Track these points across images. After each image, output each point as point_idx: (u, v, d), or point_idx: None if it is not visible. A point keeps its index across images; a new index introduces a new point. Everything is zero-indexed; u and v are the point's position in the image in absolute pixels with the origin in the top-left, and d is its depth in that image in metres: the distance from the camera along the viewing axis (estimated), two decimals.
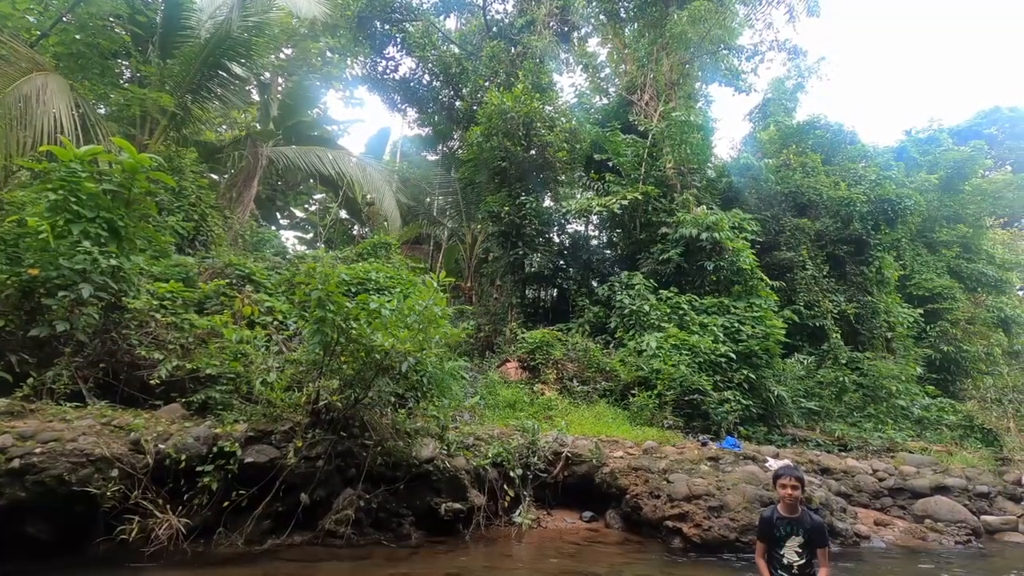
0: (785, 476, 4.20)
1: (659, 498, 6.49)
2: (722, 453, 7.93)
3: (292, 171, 16.58)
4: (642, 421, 10.40)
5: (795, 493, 4.12)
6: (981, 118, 37.49)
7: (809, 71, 23.97)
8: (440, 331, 5.85)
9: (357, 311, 5.44)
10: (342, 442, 5.83)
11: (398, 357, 5.37)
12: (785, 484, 4.16)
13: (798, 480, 4.14)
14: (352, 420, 6.05)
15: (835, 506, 6.82)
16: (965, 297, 20.96)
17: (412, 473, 5.98)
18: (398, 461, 5.97)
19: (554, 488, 7.40)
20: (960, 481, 8.55)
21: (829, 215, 17.15)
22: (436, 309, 5.95)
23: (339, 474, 5.73)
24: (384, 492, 5.81)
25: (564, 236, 18.96)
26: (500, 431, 7.60)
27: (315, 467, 5.56)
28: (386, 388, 5.55)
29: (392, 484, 5.88)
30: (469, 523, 6.13)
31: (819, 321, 15.91)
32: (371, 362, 5.52)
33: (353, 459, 5.79)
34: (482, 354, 14.43)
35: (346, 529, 5.34)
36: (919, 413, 14.91)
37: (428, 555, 5.37)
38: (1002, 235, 29.20)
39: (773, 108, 24.36)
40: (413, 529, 5.90)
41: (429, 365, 8.51)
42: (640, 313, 13.01)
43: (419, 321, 5.61)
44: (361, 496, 5.58)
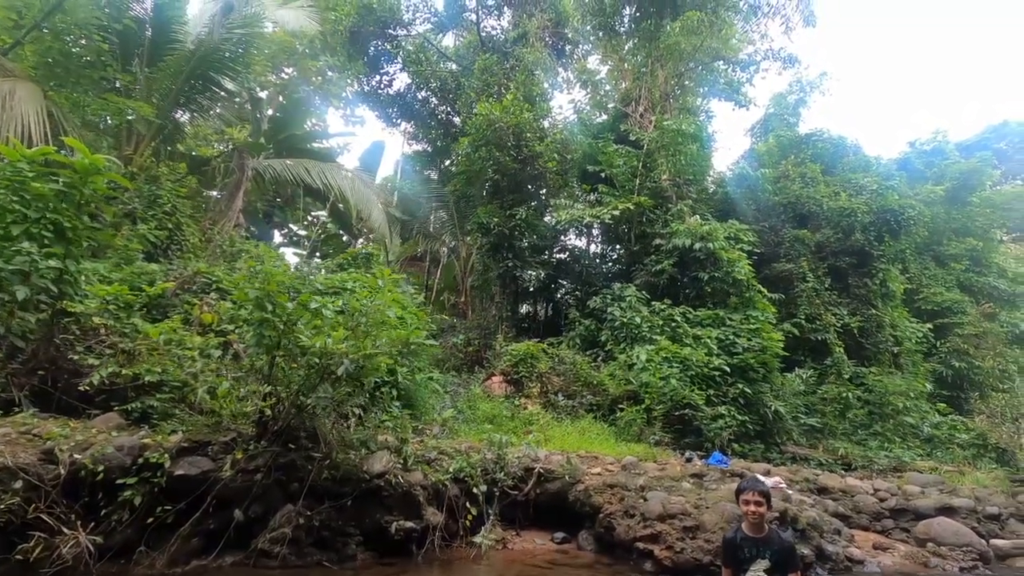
0: (747, 491, 3.74)
1: (633, 517, 5.99)
2: (707, 470, 7.42)
3: (281, 184, 16.46)
4: (629, 437, 9.89)
5: (759, 510, 3.66)
6: (990, 132, 36.95)
7: (811, 85, 23.68)
8: (393, 333, 5.46)
9: (299, 312, 5.09)
10: (286, 454, 5.43)
11: (334, 360, 4.98)
12: (748, 500, 3.71)
13: (762, 495, 3.68)
14: (299, 430, 5.66)
15: (826, 528, 6.26)
16: (976, 312, 20.24)
17: (361, 488, 5.55)
18: (347, 475, 5.55)
19: (525, 507, 6.92)
20: (968, 502, 7.92)
21: (830, 226, 16.67)
22: (390, 312, 5.59)
23: (280, 489, 5.32)
24: (329, 509, 5.38)
25: (557, 249, 18.66)
26: (468, 445, 7.16)
27: (253, 481, 5.16)
28: (325, 394, 5.14)
29: (339, 500, 5.45)
30: (423, 544, 5.67)
31: (821, 335, 15.32)
32: (313, 366, 5.14)
33: (296, 472, 5.39)
34: (471, 369, 14.01)
35: (282, 549, 4.90)
36: (929, 431, 14.20)
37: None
38: (1015, 249, 28.42)
39: (775, 123, 24.03)
40: (360, 550, 5.45)
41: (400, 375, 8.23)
42: (631, 325, 12.56)
43: (367, 322, 5.24)
44: (302, 513, 5.15)
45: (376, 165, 21.85)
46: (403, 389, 8.24)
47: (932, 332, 18.30)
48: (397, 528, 5.48)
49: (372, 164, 21.61)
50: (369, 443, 5.91)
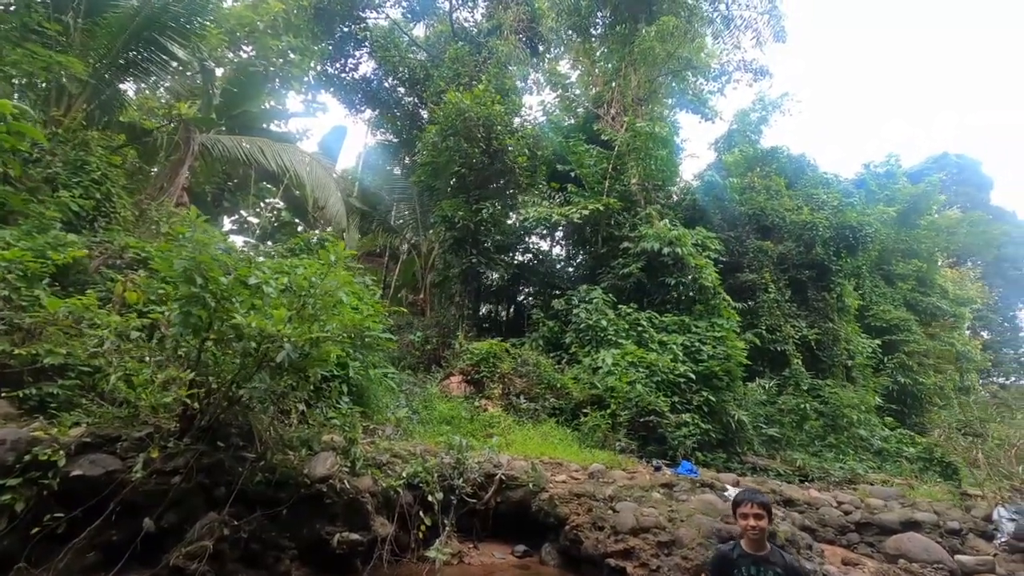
0: (746, 503, 3.29)
1: (602, 530, 5.51)
2: (677, 480, 7.04)
3: (233, 164, 15.33)
4: (593, 443, 9.46)
5: (760, 524, 3.22)
6: (931, 163, 38.99)
7: (773, 105, 24.17)
8: (344, 318, 4.79)
9: (235, 288, 4.37)
10: (213, 454, 4.67)
11: (274, 344, 4.28)
12: (747, 513, 3.26)
13: (763, 507, 3.24)
14: (231, 426, 4.91)
15: (801, 543, 5.96)
16: (921, 330, 21.02)
17: (300, 495, 4.85)
18: (284, 479, 4.84)
19: (484, 516, 6.34)
20: (930, 516, 7.85)
21: (792, 239, 16.88)
22: (341, 295, 4.92)
23: (202, 494, 4.56)
24: (261, 518, 4.65)
25: (522, 249, 18.21)
26: (424, 448, 6.53)
27: (169, 484, 4.38)
28: (262, 384, 4.43)
29: (273, 508, 4.73)
30: (370, 558, 5.01)
31: (781, 346, 15.43)
32: (250, 352, 4.42)
33: (224, 475, 4.64)
34: (428, 367, 13.32)
35: (199, 565, 4.15)
36: (879, 444, 14.44)
37: None
38: (951, 274, 29.92)
39: (738, 138, 24.42)
40: (295, 565, 4.75)
41: (352, 370, 7.51)
42: (597, 328, 12.18)
43: (315, 304, 4.55)
44: (227, 522, 4.41)
45: (337, 152, 20.85)
46: (355, 385, 7.53)
47: (880, 348, 18.82)
48: (340, 540, 4.81)
49: (332, 150, 20.58)
50: (312, 443, 5.21)
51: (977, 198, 39.65)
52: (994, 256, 36.01)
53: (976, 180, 41.09)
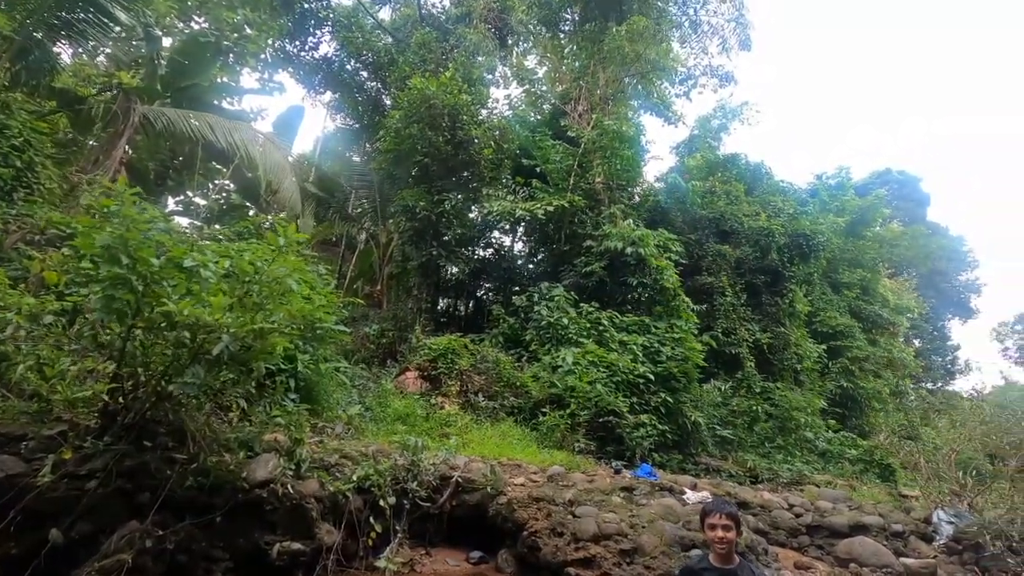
0: (715, 513, 3.13)
1: (562, 536, 5.30)
2: (637, 483, 6.92)
3: (178, 140, 14.33)
4: (551, 443, 9.28)
5: (728, 536, 3.06)
6: (875, 178, 40.93)
7: (733, 114, 24.66)
8: (293, 308, 4.37)
9: (167, 271, 3.89)
10: (137, 455, 4.18)
11: (211, 335, 3.83)
12: (715, 524, 3.10)
13: (731, 518, 3.09)
14: (160, 425, 4.42)
15: (758, 548, 5.94)
16: (863, 336, 21.95)
17: (237, 501, 4.41)
18: (219, 483, 4.39)
19: (438, 521, 6.03)
20: (877, 520, 8.04)
21: (749, 244, 17.22)
22: (291, 282, 4.50)
23: (123, 500, 4.07)
24: (191, 526, 4.19)
25: (483, 245, 17.91)
26: (377, 448, 6.15)
27: (83, 490, 3.88)
28: (195, 379, 3.96)
29: (205, 515, 4.28)
30: (313, 569, 4.62)
31: (735, 349, 15.72)
32: (183, 343, 3.96)
33: (149, 479, 4.16)
34: (383, 362, 12.84)
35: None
36: (823, 446, 14.92)
37: None
38: (891, 284, 31.48)
39: (699, 144, 24.85)
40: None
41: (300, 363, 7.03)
42: (558, 326, 12.02)
43: (259, 291, 4.12)
44: (151, 532, 3.94)
45: (293, 133, 19.86)
46: (303, 380, 7.05)
47: (826, 353, 19.51)
48: (280, 551, 4.40)
49: (289, 131, 19.59)
50: (253, 444, 4.76)
51: (916, 213, 41.84)
52: (928, 269, 38.15)
53: (916, 196, 43.32)
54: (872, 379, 20.71)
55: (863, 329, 22.64)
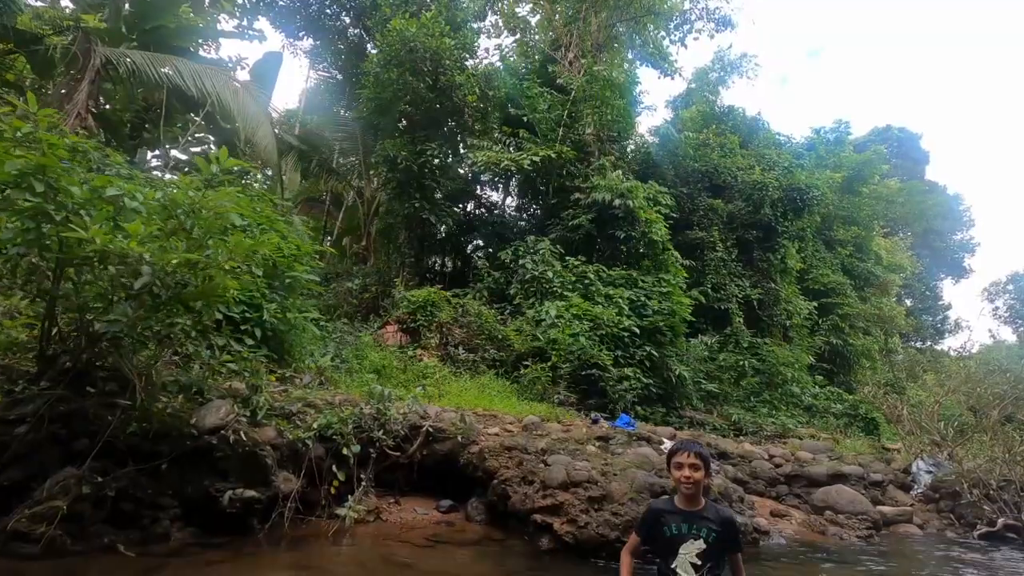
0: (683, 452, 2.88)
1: (532, 484, 5.16)
2: (614, 433, 6.79)
3: (147, 87, 13.62)
4: (532, 396, 9.15)
5: (696, 476, 2.83)
6: (874, 135, 40.11)
7: (732, 66, 23.80)
8: (236, 246, 4.04)
9: (87, 199, 3.54)
10: (74, 400, 3.94)
11: (127, 266, 3.51)
12: (682, 463, 2.85)
13: (699, 458, 2.85)
14: (103, 370, 4.17)
15: (733, 496, 5.85)
16: (855, 294, 21.85)
17: (186, 447, 4.21)
18: (165, 430, 4.17)
19: (408, 470, 5.89)
20: (856, 469, 8.02)
21: (742, 198, 16.83)
22: (234, 217, 4.16)
23: (58, 447, 3.86)
24: (135, 473, 4.00)
25: (473, 199, 17.46)
26: (345, 398, 5.95)
27: (12, 435, 3.65)
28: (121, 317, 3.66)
29: (150, 462, 4.08)
30: (269, 517, 4.47)
31: (724, 304, 15.55)
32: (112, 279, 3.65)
33: (88, 424, 3.94)
34: (366, 317, 12.62)
35: (48, 528, 3.48)
36: (809, 401, 14.96)
37: (182, 567, 3.67)
38: (884, 243, 31.27)
39: (696, 98, 24.05)
40: (176, 526, 4.15)
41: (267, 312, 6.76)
42: (542, 280, 11.76)
43: (194, 225, 3.79)
44: (88, 479, 3.74)
45: (271, 80, 18.93)
46: (271, 330, 6.79)
47: (816, 310, 19.42)
48: (232, 498, 4.22)
49: (266, 79, 18.68)
50: (205, 390, 4.53)
51: (914, 171, 41.25)
52: (923, 227, 37.91)
53: (914, 154, 42.64)
54: (861, 336, 20.71)
55: (855, 287, 22.52)
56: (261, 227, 7.94)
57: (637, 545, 2.98)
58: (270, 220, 8.33)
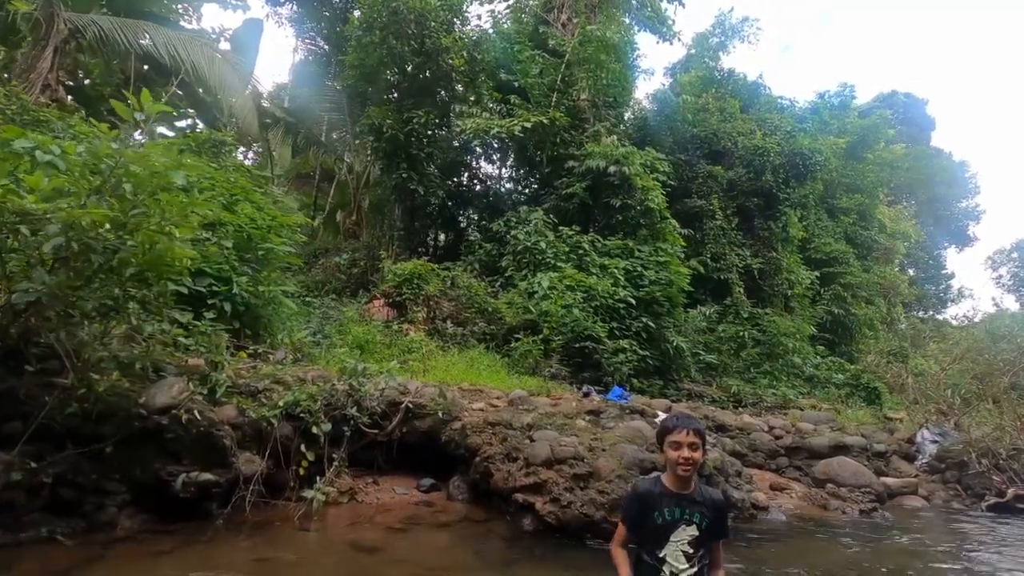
0: (680, 429, 2.49)
1: (516, 461, 4.85)
2: (605, 406, 6.47)
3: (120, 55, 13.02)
4: (523, 370, 8.83)
5: (695, 456, 2.43)
6: (880, 101, 39.06)
7: (734, 30, 22.91)
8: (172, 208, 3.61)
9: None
10: (3, 379, 3.59)
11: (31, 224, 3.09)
12: (679, 442, 2.45)
13: (697, 435, 2.46)
14: (39, 346, 3.81)
15: (730, 470, 5.54)
16: (857, 263, 21.41)
17: (133, 429, 3.87)
18: (110, 410, 3.83)
19: (387, 448, 5.58)
20: (859, 440, 7.72)
21: (743, 164, 16.27)
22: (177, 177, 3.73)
23: None
24: (75, 457, 3.67)
25: (466, 170, 16.92)
26: (317, 374, 5.61)
27: None
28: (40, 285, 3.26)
29: (93, 445, 3.75)
30: (229, 501, 4.16)
31: (724, 275, 15.15)
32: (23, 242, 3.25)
33: (19, 406, 3.59)
34: (355, 292, 12.26)
35: None
36: (810, 371, 14.67)
37: (125, 557, 3.36)
38: (888, 212, 30.67)
39: (696, 64, 23.23)
40: (125, 513, 3.84)
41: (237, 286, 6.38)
42: (535, 250, 11.35)
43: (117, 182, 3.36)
44: (19, 464, 3.41)
45: (251, 49, 18.15)
46: (242, 304, 6.42)
47: (818, 279, 19.02)
48: (186, 482, 3.91)
49: (245, 47, 17.94)
50: (154, 366, 4.18)
51: (919, 137, 40.32)
52: (928, 195, 37.21)
53: (920, 120, 41.64)
54: (864, 306, 20.33)
55: (857, 256, 22.06)
56: (235, 197, 7.59)
57: (627, 537, 2.63)
58: (244, 191, 7.93)
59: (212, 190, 7.13)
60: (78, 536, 3.50)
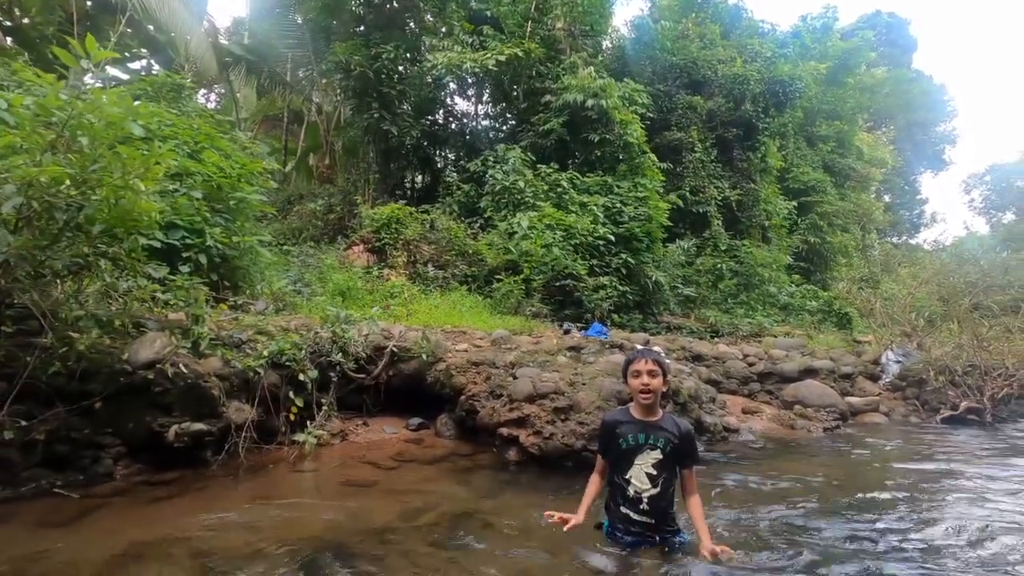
0: (640, 359, 2.71)
1: (499, 398, 5.04)
2: (586, 342, 6.66)
3: None
4: (505, 310, 8.98)
5: (653, 382, 2.65)
6: (863, 22, 37.94)
7: None
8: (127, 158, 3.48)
9: None
10: None
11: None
12: (639, 370, 2.68)
13: (656, 364, 2.67)
14: (12, 307, 3.77)
15: (704, 397, 5.83)
16: (835, 191, 21.61)
17: (119, 384, 3.91)
18: (94, 367, 3.85)
19: (375, 391, 5.75)
20: (827, 363, 8.12)
21: (722, 94, 15.99)
22: (134, 127, 3.59)
23: None
24: (65, 414, 3.73)
25: (441, 109, 16.37)
26: (301, 322, 5.66)
27: None
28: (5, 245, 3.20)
29: (81, 401, 3.80)
30: (223, 449, 4.30)
31: (703, 208, 15.24)
32: None
33: (2, 368, 3.59)
34: (332, 239, 12.13)
35: None
36: (785, 300, 15.11)
37: (125, 504, 3.49)
38: (867, 138, 30.61)
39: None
40: (122, 464, 3.96)
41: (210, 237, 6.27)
42: (514, 190, 11.24)
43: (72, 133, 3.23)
44: (9, 423, 3.46)
45: None
46: (218, 256, 6.35)
47: (796, 209, 19.23)
48: (178, 432, 4.01)
49: None
50: (132, 323, 4.18)
51: (901, 60, 39.64)
52: (907, 120, 37.08)
53: (903, 41, 40.77)
54: (839, 234, 20.73)
55: (835, 184, 22.23)
56: (200, 145, 7.32)
57: (604, 467, 2.84)
58: (209, 138, 7.63)
59: (175, 139, 6.88)
60: (77, 488, 3.61)
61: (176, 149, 6.71)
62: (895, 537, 3.12)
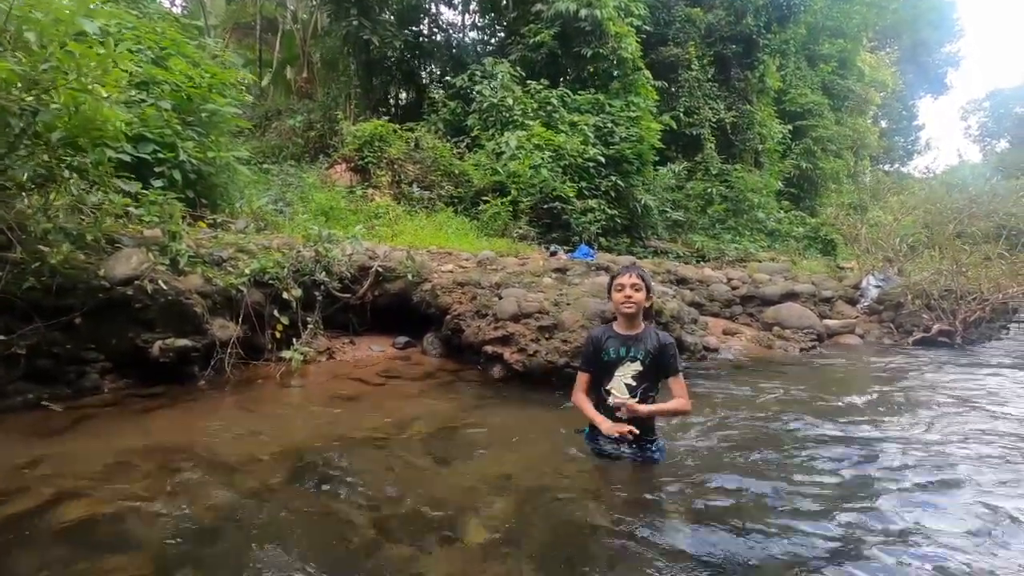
0: (624, 274, 2.75)
1: (485, 317, 5.08)
2: (571, 264, 6.66)
3: None
4: (492, 232, 8.90)
5: (636, 296, 2.70)
6: None
7: None
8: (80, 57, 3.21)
9: None
10: None
11: None
12: (622, 284, 2.72)
13: (641, 279, 2.70)
14: None
15: (686, 318, 5.93)
16: (831, 115, 21.08)
17: (98, 300, 3.86)
18: (70, 284, 3.78)
19: (361, 311, 5.77)
20: (809, 287, 8.26)
21: (723, 6, 15.13)
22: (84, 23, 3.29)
23: None
24: (46, 329, 3.69)
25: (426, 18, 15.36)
26: (283, 241, 5.57)
27: None
28: None
29: (59, 317, 3.75)
30: (209, 364, 4.33)
31: (697, 130, 14.85)
32: None
33: None
34: (314, 157, 11.71)
35: None
36: (773, 226, 15.15)
37: (116, 415, 3.55)
38: (869, 59, 29.48)
39: None
40: (109, 378, 3.99)
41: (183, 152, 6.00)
42: (502, 107, 10.80)
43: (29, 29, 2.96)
44: None
45: None
46: (194, 172, 6.10)
47: (790, 133, 18.82)
48: (163, 348, 4.02)
49: None
50: (104, 238, 4.06)
51: None
52: (912, 40, 35.66)
53: None
54: (832, 160, 20.44)
55: (832, 107, 21.65)
56: (165, 51, 6.84)
57: (587, 385, 2.91)
58: (175, 43, 7.12)
59: (136, 42, 6.41)
60: (65, 401, 3.65)
61: (139, 53, 6.29)
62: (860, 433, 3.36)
